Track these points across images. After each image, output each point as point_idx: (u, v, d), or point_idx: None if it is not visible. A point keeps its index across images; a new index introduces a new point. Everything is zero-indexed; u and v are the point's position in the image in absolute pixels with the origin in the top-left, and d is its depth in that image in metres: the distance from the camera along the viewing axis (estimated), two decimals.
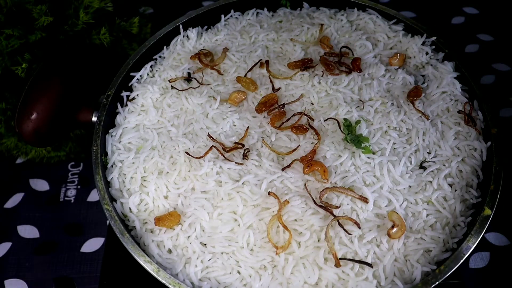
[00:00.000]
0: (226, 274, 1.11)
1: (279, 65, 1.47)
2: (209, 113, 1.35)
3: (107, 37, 1.56)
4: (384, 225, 1.14)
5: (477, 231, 1.11)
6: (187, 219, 1.17)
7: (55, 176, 1.68)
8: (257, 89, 1.41)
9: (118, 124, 1.39)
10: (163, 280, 1.08)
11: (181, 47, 1.55)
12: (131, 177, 1.26)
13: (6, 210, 1.60)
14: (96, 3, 1.52)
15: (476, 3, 2.16)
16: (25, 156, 1.65)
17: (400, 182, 1.20)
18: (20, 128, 1.34)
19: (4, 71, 1.45)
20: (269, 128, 1.31)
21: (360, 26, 1.59)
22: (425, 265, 1.10)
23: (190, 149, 1.28)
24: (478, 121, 1.32)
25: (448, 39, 1.54)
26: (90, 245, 1.52)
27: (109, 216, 1.18)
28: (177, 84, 1.43)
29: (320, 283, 1.08)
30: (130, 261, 1.14)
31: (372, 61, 1.46)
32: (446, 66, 1.44)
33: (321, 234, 1.12)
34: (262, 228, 1.15)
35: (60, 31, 1.51)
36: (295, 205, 1.15)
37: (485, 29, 2.05)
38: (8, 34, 1.42)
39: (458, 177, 1.24)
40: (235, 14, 1.65)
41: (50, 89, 1.36)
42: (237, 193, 1.19)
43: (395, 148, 1.27)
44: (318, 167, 1.19)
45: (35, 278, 1.44)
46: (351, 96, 1.37)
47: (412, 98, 1.35)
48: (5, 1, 1.43)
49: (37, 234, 1.54)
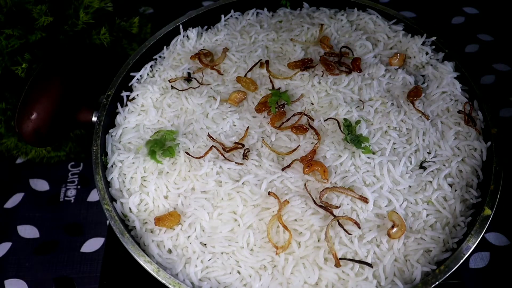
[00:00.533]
0: (226, 274, 1.11)
1: (279, 65, 1.47)
2: (209, 113, 1.35)
3: (107, 37, 1.56)
4: (384, 225, 1.14)
5: (477, 231, 1.11)
6: (187, 219, 1.17)
7: (55, 176, 1.68)
8: (257, 89, 1.41)
9: (118, 124, 1.39)
10: (163, 280, 1.08)
11: (181, 47, 1.55)
12: (131, 177, 1.26)
13: (6, 210, 1.60)
14: (96, 3, 1.52)
15: (476, 3, 2.16)
16: (25, 156, 1.65)
17: (400, 182, 1.20)
18: (20, 128, 1.34)
19: (4, 71, 1.45)
20: (269, 128, 1.31)
21: (360, 26, 1.59)
22: (425, 265, 1.10)
23: (190, 149, 1.28)
24: (478, 121, 1.32)
25: (448, 39, 1.54)
26: (90, 245, 1.52)
27: (109, 216, 1.18)
28: (177, 84, 1.43)
29: (320, 283, 1.08)
30: (130, 261, 1.14)
31: (372, 61, 1.46)
32: (446, 66, 1.44)
33: (321, 234, 1.12)
34: (262, 228, 1.15)
35: (60, 31, 1.51)
36: (295, 205, 1.15)
37: (485, 29, 2.05)
38: (8, 34, 1.42)
39: (458, 177, 1.24)
40: (235, 14, 1.65)
41: (50, 89, 1.36)
42: (237, 193, 1.19)
43: (395, 148, 1.27)
44: (318, 167, 1.19)
45: (35, 278, 1.44)
46: (351, 96, 1.37)
47: (412, 98, 1.35)
48: (5, 1, 1.43)
49: (37, 234, 1.54)
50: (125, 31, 1.67)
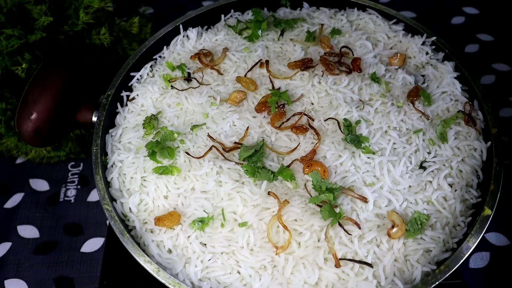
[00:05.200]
0: (226, 274, 1.11)
1: (279, 65, 1.47)
2: (209, 113, 1.35)
3: (107, 37, 1.57)
4: (384, 225, 1.14)
5: (477, 231, 1.11)
6: (187, 219, 1.17)
7: (55, 176, 1.68)
8: (257, 89, 1.41)
9: (118, 124, 1.39)
10: (163, 280, 1.08)
11: (181, 47, 1.55)
12: (131, 177, 1.26)
13: (6, 210, 1.60)
14: (96, 3, 1.52)
15: (476, 3, 2.16)
16: (25, 156, 1.65)
17: (400, 182, 1.20)
18: (20, 128, 1.34)
19: (4, 71, 1.45)
20: (269, 128, 1.31)
21: (360, 26, 1.59)
22: (425, 265, 1.10)
23: (190, 149, 1.28)
24: (478, 121, 1.32)
25: (448, 39, 1.54)
26: (90, 245, 1.51)
27: (109, 216, 1.18)
28: (177, 84, 1.43)
29: (320, 283, 1.08)
30: (130, 261, 1.14)
31: (372, 61, 1.46)
32: (446, 66, 1.44)
33: (321, 234, 1.12)
34: (262, 228, 1.15)
35: (60, 31, 1.51)
36: (295, 205, 1.15)
37: (485, 29, 2.05)
38: (8, 34, 1.42)
39: (458, 177, 1.24)
40: (235, 14, 1.65)
41: (50, 89, 1.36)
42: (237, 193, 1.19)
43: (395, 148, 1.27)
44: (318, 167, 1.19)
45: (35, 278, 1.44)
46: (351, 96, 1.37)
47: (412, 98, 1.35)
48: (5, 1, 1.43)
49: (37, 234, 1.54)
50: (125, 31, 1.67)
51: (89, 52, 1.59)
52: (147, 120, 1.32)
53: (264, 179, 1.19)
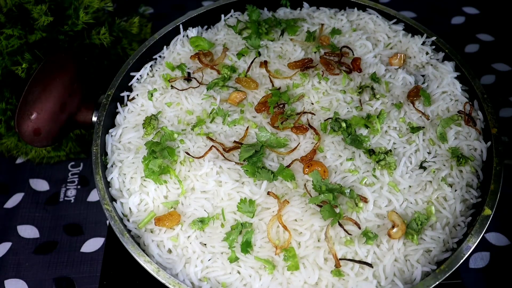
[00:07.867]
0: (226, 274, 1.11)
1: (279, 65, 1.47)
2: (209, 113, 1.35)
3: (107, 37, 1.57)
4: (384, 225, 1.14)
5: (477, 231, 1.11)
6: (187, 219, 1.17)
7: (55, 176, 1.68)
8: (257, 87, 1.41)
9: (118, 124, 1.39)
10: (163, 280, 1.08)
11: (181, 47, 1.55)
12: (131, 177, 1.26)
13: (6, 210, 1.60)
14: (96, 3, 1.53)
15: (476, 3, 2.16)
16: (25, 156, 1.65)
17: (400, 182, 1.20)
18: (20, 128, 1.34)
19: (4, 71, 1.45)
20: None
21: (360, 26, 1.59)
22: (425, 265, 1.10)
23: (190, 149, 1.28)
24: (478, 121, 1.32)
25: (448, 39, 1.54)
26: (90, 245, 1.51)
27: (109, 216, 1.18)
28: (177, 84, 1.43)
29: (320, 283, 1.08)
30: (130, 261, 1.14)
31: (372, 61, 1.46)
32: (446, 66, 1.44)
33: (321, 234, 1.12)
34: (262, 228, 1.15)
35: (60, 31, 1.51)
36: (295, 205, 1.15)
37: (485, 29, 2.05)
38: (8, 34, 1.42)
39: (458, 177, 1.24)
40: (235, 14, 1.65)
41: (50, 89, 1.35)
42: (237, 193, 1.19)
43: (395, 148, 1.27)
44: (318, 167, 1.19)
45: (35, 278, 1.44)
46: (351, 96, 1.37)
47: (412, 98, 1.35)
48: (5, 1, 1.43)
49: (37, 234, 1.54)
50: (125, 31, 1.67)
51: (89, 52, 1.59)
52: (147, 120, 1.32)
53: (264, 179, 1.19)
